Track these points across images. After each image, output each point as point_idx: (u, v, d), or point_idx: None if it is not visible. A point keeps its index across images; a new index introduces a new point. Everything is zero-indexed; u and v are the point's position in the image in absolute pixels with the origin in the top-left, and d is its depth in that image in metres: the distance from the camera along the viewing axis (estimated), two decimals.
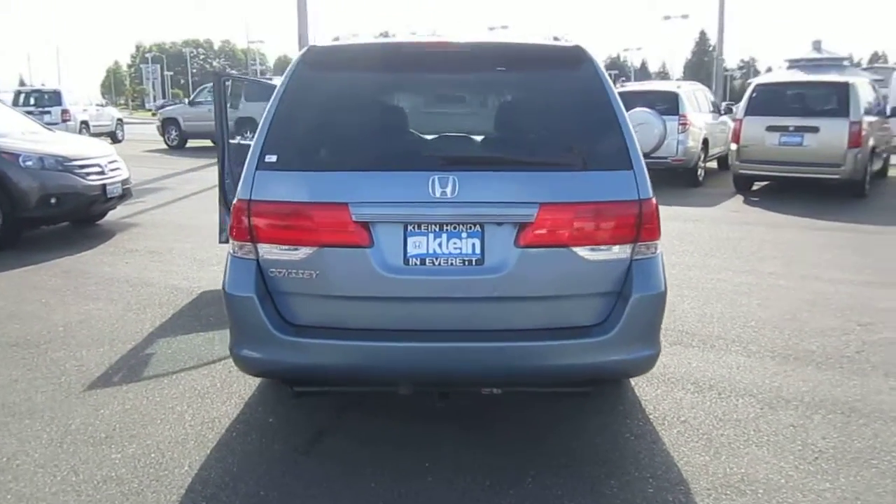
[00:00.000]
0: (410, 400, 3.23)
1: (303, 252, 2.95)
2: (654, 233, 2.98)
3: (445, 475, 3.01)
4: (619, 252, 2.95)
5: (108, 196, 8.04)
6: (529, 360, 2.93)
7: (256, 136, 3.09)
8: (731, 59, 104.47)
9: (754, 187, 11.78)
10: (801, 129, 10.67)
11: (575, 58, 3.10)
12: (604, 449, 3.25)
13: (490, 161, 3.01)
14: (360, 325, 2.99)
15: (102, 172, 8.01)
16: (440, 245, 2.91)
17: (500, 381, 3.01)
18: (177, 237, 7.96)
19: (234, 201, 3.07)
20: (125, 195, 8.48)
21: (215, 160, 5.70)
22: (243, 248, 3.03)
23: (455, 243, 2.91)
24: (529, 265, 2.90)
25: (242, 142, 6.09)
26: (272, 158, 2.98)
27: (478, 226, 2.90)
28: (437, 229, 2.91)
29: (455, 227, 2.91)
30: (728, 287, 5.90)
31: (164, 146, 20.80)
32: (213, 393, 3.85)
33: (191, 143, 20.63)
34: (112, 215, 8.83)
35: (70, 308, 5.32)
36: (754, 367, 4.18)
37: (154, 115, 36.87)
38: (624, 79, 79.47)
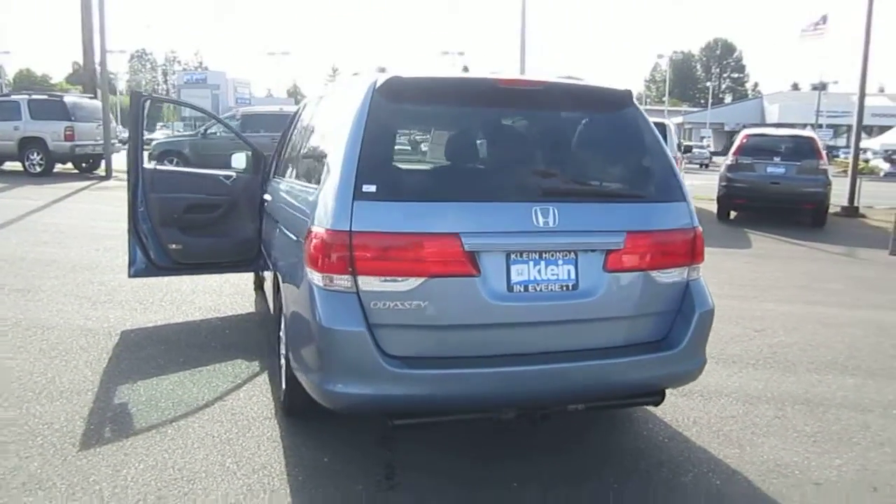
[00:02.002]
0: (458, 425, 3.29)
1: (410, 283, 2.92)
2: (702, 256, 3.40)
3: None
4: (680, 274, 3.32)
5: None
6: (620, 375, 3.18)
7: (338, 164, 3.01)
8: None
9: None
10: None
11: (626, 100, 3.43)
12: (651, 453, 3.58)
13: (581, 192, 3.22)
14: (465, 353, 3.03)
15: None
16: (539, 272, 3.06)
17: (595, 396, 3.22)
18: (37, 274, 6.97)
19: (320, 232, 2.95)
20: None
21: None
22: (336, 280, 2.93)
23: (552, 270, 3.08)
24: (615, 288, 3.16)
25: (161, 167, 5.62)
26: (371, 188, 2.92)
27: (572, 253, 3.10)
28: (536, 257, 3.06)
29: (552, 255, 3.08)
30: None
31: None
32: (238, 438, 3.55)
33: None
34: None
35: None
36: (710, 371, 4.77)
37: None
38: None
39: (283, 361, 3.84)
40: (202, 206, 5.68)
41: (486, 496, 3.13)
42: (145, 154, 5.61)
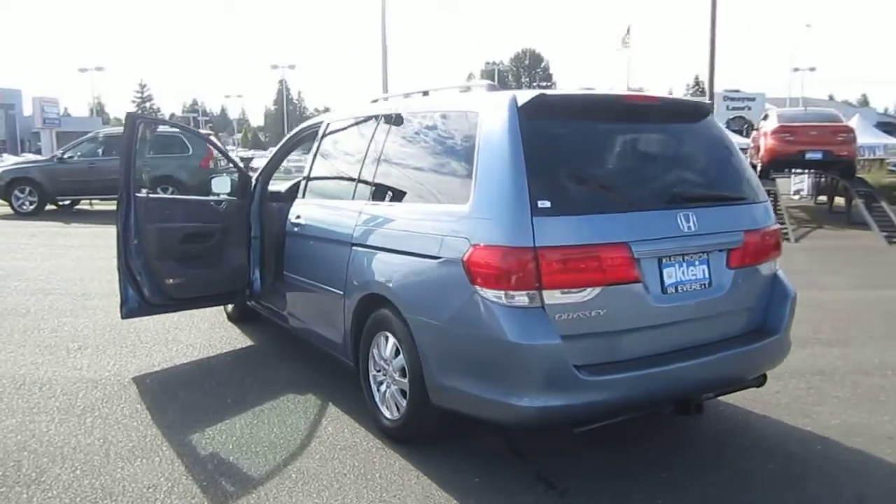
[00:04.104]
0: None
1: (588, 293, 3.04)
2: (781, 248, 3.81)
3: None
4: (771, 265, 3.71)
5: None
6: (749, 361, 3.50)
7: (503, 183, 3.04)
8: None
9: None
10: None
11: (709, 110, 3.76)
12: (735, 434, 3.93)
13: (708, 197, 3.48)
14: (635, 355, 3.18)
15: None
16: (683, 273, 3.30)
17: (733, 382, 3.50)
18: None
19: (499, 249, 2.98)
20: None
21: None
22: (519, 296, 2.97)
23: (692, 270, 3.33)
24: (737, 283, 3.47)
25: (153, 195, 5.17)
26: (546, 204, 3.00)
27: (705, 254, 3.37)
28: (681, 259, 3.29)
29: (691, 257, 3.33)
30: None
31: None
32: (370, 472, 3.41)
33: None
34: None
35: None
36: None
37: None
38: (211, 125, 79.36)
39: (387, 389, 3.75)
40: (198, 235, 5.29)
41: (645, 485, 3.29)
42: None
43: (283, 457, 3.61)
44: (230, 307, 6.17)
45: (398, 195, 3.85)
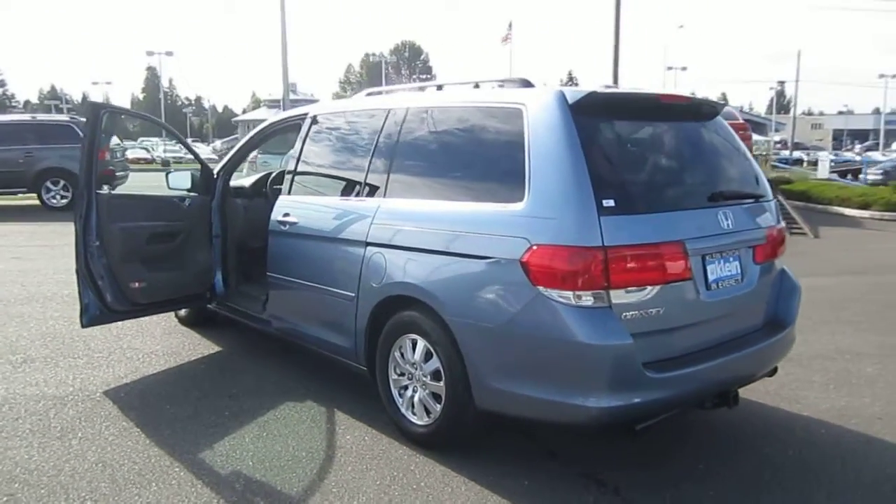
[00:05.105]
0: None
1: (649, 291, 3.05)
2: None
3: None
4: (780, 260, 3.88)
5: None
6: (773, 352, 3.64)
7: (563, 181, 2.99)
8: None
9: None
10: None
11: (720, 109, 3.86)
12: (744, 422, 4.10)
13: (738, 195, 3.55)
14: (686, 351, 3.23)
15: None
16: (721, 269, 3.39)
17: (759, 373, 3.62)
18: None
19: (565, 249, 2.93)
20: None
21: None
22: (586, 296, 2.94)
23: (728, 266, 3.42)
24: (760, 277, 3.61)
25: (116, 193, 4.71)
26: (610, 203, 2.97)
27: (737, 250, 3.47)
28: (720, 256, 3.37)
29: (727, 253, 3.42)
30: None
31: None
32: (416, 483, 3.27)
33: None
34: None
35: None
36: None
37: None
38: (74, 112, 73.65)
39: (414, 394, 3.61)
40: (163, 235, 4.88)
41: (688, 475, 3.35)
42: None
43: (313, 470, 3.39)
44: (182, 310, 5.75)
45: (422, 192, 3.66)
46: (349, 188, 4.16)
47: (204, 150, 46.08)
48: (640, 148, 3.40)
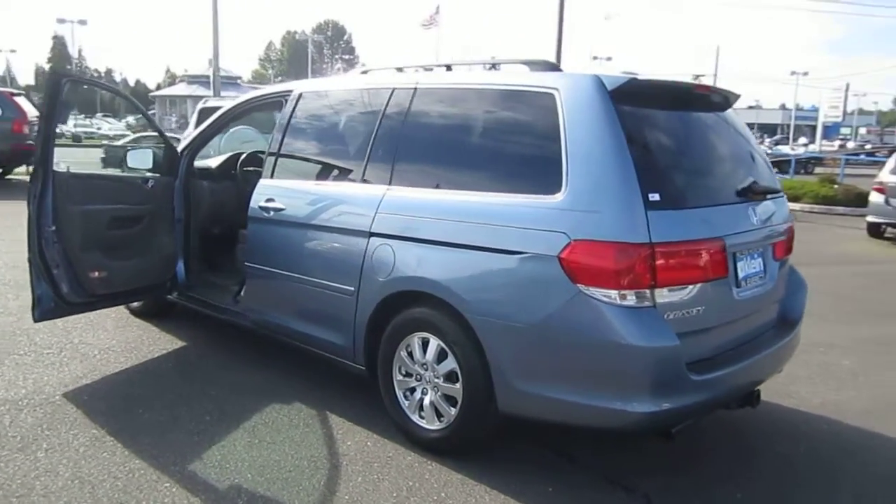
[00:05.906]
0: None
1: (690, 290, 2.92)
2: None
3: None
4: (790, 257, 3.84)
5: None
6: (788, 349, 3.58)
7: (615, 174, 2.80)
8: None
9: None
10: None
11: (734, 99, 3.75)
12: (749, 419, 4.05)
13: (763, 190, 3.44)
14: (720, 350, 3.12)
15: None
16: (748, 266, 3.29)
17: (776, 371, 3.55)
18: None
19: (611, 245, 2.75)
20: None
21: None
22: (630, 295, 2.77)
23: (753, 263, 3.33)
24: (780, 274, 3.54)
25: (75, 172, 4.22)
26: (656, 197, 2.81)
27: (761, 247, 3.39)
28: (748, 253, 3.27)
29: (753, 250, 3.32)
30: None
31: None
32: (437, 491, 3.05)
33: None
34: None
35: None
36: None
37: None
38: None
39: (423, 396, 3.38)
40: (125, 219, 4.43)
41: (712, 476, 3.28)
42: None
43: (321, 482, 3.10)
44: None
45: (436, 181, 3.39)
46: (345, 173, 3.85)
47: (117, 126, 43.82)
48: (676, 140, 3.24)
